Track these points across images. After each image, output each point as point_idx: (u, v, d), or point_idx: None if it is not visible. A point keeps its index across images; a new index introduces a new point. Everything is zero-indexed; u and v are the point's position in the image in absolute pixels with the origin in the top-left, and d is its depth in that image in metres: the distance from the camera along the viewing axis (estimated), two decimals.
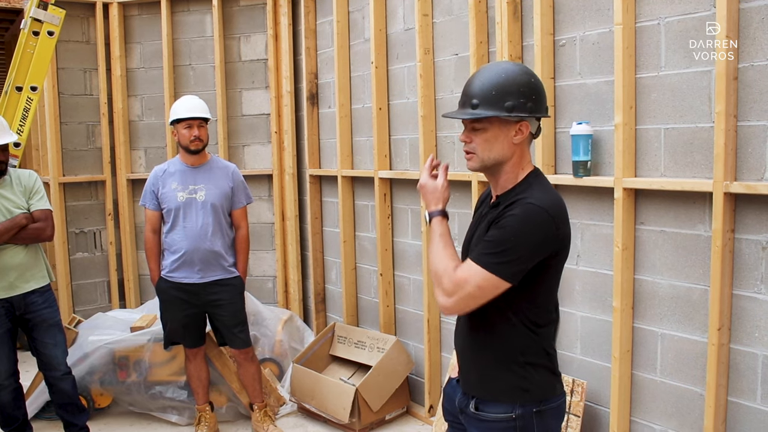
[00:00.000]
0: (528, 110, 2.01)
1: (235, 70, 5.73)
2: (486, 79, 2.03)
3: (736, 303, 2.84)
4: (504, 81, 2.01)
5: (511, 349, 2.06)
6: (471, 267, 1.94)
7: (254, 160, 5.77)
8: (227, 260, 4.09)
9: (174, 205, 4.02)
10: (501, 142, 2.03)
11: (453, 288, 1.96)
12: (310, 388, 4.48)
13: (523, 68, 2.08)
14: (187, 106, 4.01)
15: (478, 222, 2.17)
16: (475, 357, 2.14)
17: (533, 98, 2.02)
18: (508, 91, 1.99)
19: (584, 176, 3.27)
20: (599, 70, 3.28)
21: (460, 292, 1.95)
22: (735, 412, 2.88)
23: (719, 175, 2.75)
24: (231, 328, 4.11)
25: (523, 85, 2.01)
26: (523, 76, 2.04)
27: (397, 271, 4.75)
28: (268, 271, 5.83)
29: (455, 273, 1.97)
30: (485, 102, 2.00)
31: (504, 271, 1.93)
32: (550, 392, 2.10)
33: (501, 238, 1.93)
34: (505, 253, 1.92)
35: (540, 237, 1.95)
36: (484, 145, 2.03)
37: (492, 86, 2.00)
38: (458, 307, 1.99)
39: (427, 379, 4.42)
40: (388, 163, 4.66)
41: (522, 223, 1.93)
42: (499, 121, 2.01)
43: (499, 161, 2.05)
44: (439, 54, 4.15)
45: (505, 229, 1.94)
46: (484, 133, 2.03)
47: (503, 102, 1.99)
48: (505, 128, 2.02)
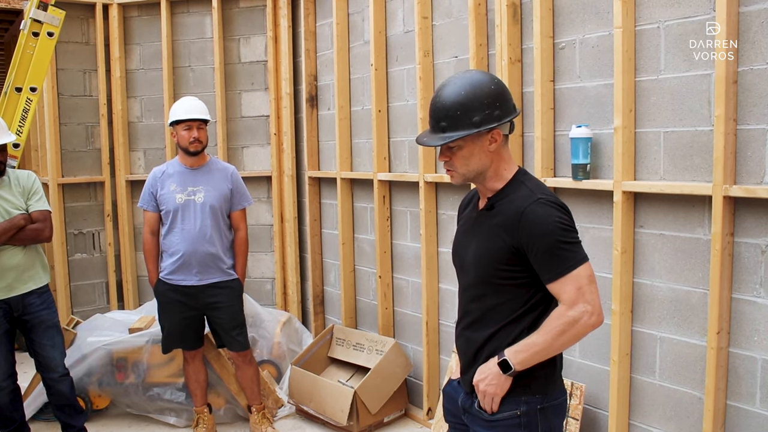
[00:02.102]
0: (496, 119, 2.03)
1: (235, 72, 5.72)
2: (448, 99, 2.03)
3: (735, 307, 2.84)
4: (465, 98, 2.01)
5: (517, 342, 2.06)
6: (572, 281, 1.97)
7: (253, 161, 5.77)
8: (226, 262, 4.09)
9: (172, 206, 4.01)
10: (477, 154, 2.06)
11: (591, 309, 1.98)
12: (309, 390, 4.48)
13: (481, 78, 2.06)
14: (186, 108, 4.00)
15: (473, 228, 2.18)
16: (478, 355, 2.14)
17: (497, 105, 2.03)
18: (472, 106, 2.00)
19: (583, 179, 3.27)
20: (599, 73, 3.28)
21: (594, 302, 1.98)
22: (734, 416, 2.87)
23: (719, 179, 2.75)
24: (229, 330, 4.10)
25: (485, 96, 2.02)
26: (484, 86, 2.03)
27: (395, 274, 4.74)
28: (267, 273, 5.82)
29: (575, 310, 1.97)
30: (453, 123, 2.02)
31: (584, 253, 2.01)
32: (552, 387, 2.12)
33: (556, 240, 1.97)
34: (571, 244, 1.98)
35: (569, 217, 2.03)
36: (462, 162, 2.07)
37: (456, 105, 2.01)
38: (601, 309, 2.01)
39: (425, 381, 4.41)
40: (388, 165, 4.65)
41: (550, 215, 1.98)
42: (471, 137, 2.04)
43: (481, 171, 2.10)
44: (439, 56, 4.15)
45: (547, 231, 1.97)
46: (459, 151, 2.07)
47: (470, 119, 2.00)
48: (479, 141, 2.05)
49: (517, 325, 2.07)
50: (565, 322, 1.97)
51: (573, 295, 1.97)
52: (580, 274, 1.97)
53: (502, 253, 2.04)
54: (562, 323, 1.98)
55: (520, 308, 2.07)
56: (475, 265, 2.12)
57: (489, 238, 2.08)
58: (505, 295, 2.08)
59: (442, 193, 4.27)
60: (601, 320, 2.00)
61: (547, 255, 1.97)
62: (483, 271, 2.10)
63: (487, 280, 2.10)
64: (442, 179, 4.14)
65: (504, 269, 2.05)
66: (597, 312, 1.98)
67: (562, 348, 2.02)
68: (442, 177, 4.14)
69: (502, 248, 2.04)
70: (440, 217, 4.31)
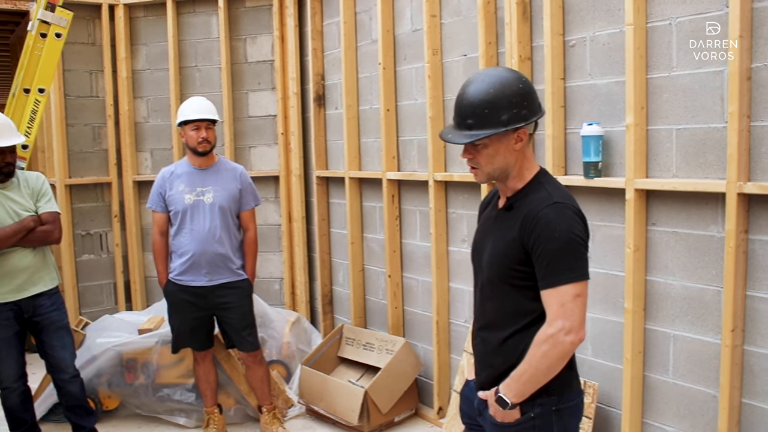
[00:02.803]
0: (523, 118, 2.02)
1: (241, 72, 5.72)
2: (476, 97, 2.01)
3: (749, 304, 2.82)
4: (494, 96, 2.00)
5: (527, 349, 2.03)
6: (558, 295, 1.94)
7: (261, 161, 5.76)
8: (235, 263, 4.08)
9: (181, 207, 4.00)
10: (503, 153, 2.05)
11: (569, 326, 1.94)
12: (319, 390, 4.47)
13: (509, 75, 2.05)
14: (194, 108, 4.00)
15: (492, 227, 2.16)
16: (493, 357, 2.13)
17: (525, 104, 2.02)
18: (500, 105, 1.99)
19: (595, 177, 3.25)
20: (610, 70, 3.26)
21: (573, 319, 1.94)
22: (749, 414, 2.86)
23: (732, 176, 2.73)
24: (239, 330, 4.09)
25: (513, 95, 2.01)
26: (512, 84, 2.02)
27: (405, 273, 4.73)
28: (275, 273, 5.81)
29: (552, 326, 1.95)
30: (479, 121, 2.00)
31: (583, 271, 1.97)
32: (568, 389, 2.10)
33: (558, 248, 1.94)
34: (573, 259, 1.95)
35: (583, 227, 2.00)
36: (487, 160, 2.06)
37: (484, 104, 2.00)
38: (582, 327, 1.97)
39: (436, 381, 4.40)
40: (396, 164, 4.64)
41: (562, 222, 1.95)
42: (498, 136, 2.02)
43: (505, 169, 2.08)
44: (448, 55, 4.14)
45: (553, 237, 1.94)
46: (484, 150, 2.05)
47: (498, 117, 1.99)
48: (505, 140, 2.04)
49: (531, 331, 2.04)
50: (543, 342, 1.95)
51: (554, 310, 1.94)
52: (568, 291, 1.93)
53: (516, 254, 2.02)
54: (540, 344, 1.96)
55: (534, 313, 2.05)
56: (491, 264, 2.11)
57: (505, 239, 2.07)
58: (518, 298, 2.07)
59: (452, 192, 4.26)
60: (580, 338, 1.95)
61: (546, 262, 1.95)
62: (497, 272, 2.09)
63: (501, 280, 2.08)
64: (452, 178, 4.12)
65: (517, 270, 2.04)
66: (575, 330, 1.94)
67: (551, 370, 1.99)
68: (451, 176, 4.13)
69: (515, 248, 2.02)
70: (450, 216, 4.29)
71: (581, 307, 1.95)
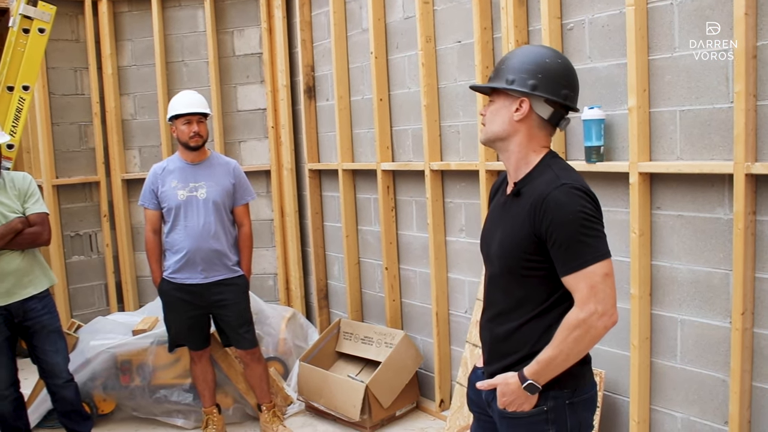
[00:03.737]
0: (528, 87, 1.97)
1: (229, 65, 5.63)
2: (509, 54, 2.06)
3: (758, 286, 2.79)
4: (516, 57, 2.03)
5: (543, 338, 1.97)
6: (586, 278, 1.87)
7: (251, 156, 5.68)
8: (231, 259, 4.00)
9: (174, 203, 3.91)
10: (502, 116, 2.03)
11: (602, 309, 1.87)
12: (318, 386, 4.40)
13: (545, 50, 2.06)
14: (185, 102, 3.91)
15: (500, 214, 2.09)
16: (505, 347, 2.06)
17: (539, 77, 1.97)
18: (514, 67, 2.01)
19: (597, 162, 3.20)
20: (610, 53, 3.20)
21: (606, 302, 1.87)
22: (760, 397, 2.83)
23: (740, 157, 2.68)
24: (236, 328, 4.02)
25: (532, 62, 1.99)
26: (540, 56, 2.02)
27: (402, 265, 4.67)
28: (269, 269, 5.74)
29: (584, 310, 1.87)
30: (495, 74, 2.06)
31: (605, 249, 1.90)
32: (582, 381, 2.03)
33: (574, 230, 1.87)
34: (592, 237, 1.88)
35: (594, 206, 1.94)
36: (491, 117, 2.07)
37: (505, 60, 2.05)
38: (615, 308, 1.90)
39: (437, 373, 4.35)
40: (391, 154, 4.57)
41: (573, 203, 1.89)
42: (504, 95, 2.02)
43: (500, 136, 2.04)
44: (442, 42, 4.07)
45: (567, 219, 1.87)
46: (492, 106, 2.06)
47: (506, 74, 2.01)
48: (509, 102, 2.02)
49: (542, 320, 1.98)
50: (576, 327, 1.88)
51: (585, 293, 1.87)
52: (596, 271, 1.86)
53: (526, 242, 1.95)
54: (573, 329, 1.88)
55: (545, 302, 1.98)
56: (500, 254, 2.03)
57: (514, 226, 1.99)
58: (529, 288, 1.99)
59: (449, 181, 4.19)
60: (613, 321, 1.90)
61: (564, 246, 1.87)
62: (507, 261, 2.01)
63: (511, 270, 2.01)
64: (449, 167, 4.06)
65: (528, 259, 1.96)
66: (609, 313, 1.88)
67: (581, 354, 1.93)
68: (448, 165, 4.07)
69: (525, 237, 1.95)
70: (447, 205, 4.23)
71: (612, 287, 1.89)
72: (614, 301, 1.89)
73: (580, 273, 1.87)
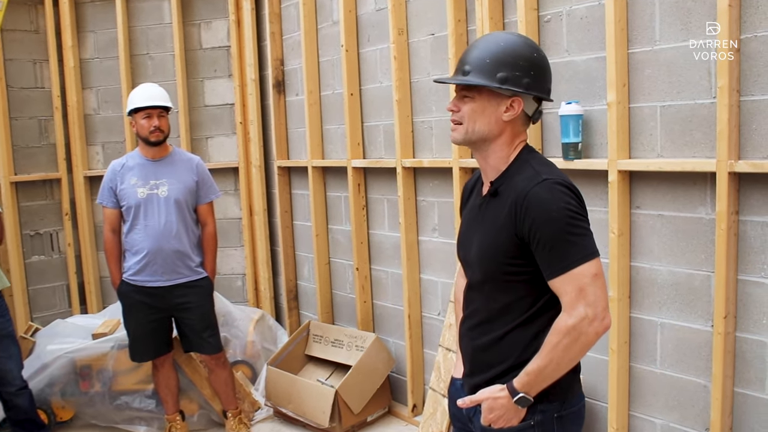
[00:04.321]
0: (523, 86, 1.82)
1: (196, 59, 5.45)
2: (484, 47, 1.86)
3: (741, 288, 2.69)
4: (502, 50, 1.83)
5: (530, 346, 1.84)
6: (574, 280, 1.74)
7: (219, 152, 5.51)
8: (194, 260, 3.83)
9: (134, 201, 3.74)
10: (488, 115, 1.85)
11: (593, 313, 1.74)
12: (287, 391, 4.25)
13: (527, 41, 1.90)
14: (145, 95, 3.73)
15: (478, 216, 1.95)
16: (489, 357, 1.92)
17: (531, 74, 1.83)
18: (504, 61, 1.82)
19: (575, 159, 3.08)
20: (588, 46, 3.09)
21: (596, 305, 1.74)
22: (741, 403, 2.74)
23: (723, 154, 2.58)
24: (200, 332, 3.85)
25: (522, 57, 1.83)
26: (525, 49, 1.86)
27: (373, 265, 4.54)
28: (237, 269, 5.57)
29: (573, 315, 1.74)
30: (477, 70, 1.83)
31: (593, 247, 1.77)
32: (570, 394, 1.90)
33: (559, 228, 1.74)
34: (577, 236, 1.75)
35: (578, 202, 1.81)
36: (471, 116, 1.86)
37: (488, 54, 1.84)
38: (606, 311, 1.77)
39: (409, 377, 4.22)
40: (362, 151, 4.44)
41: (556, 200, 1.75)
42: (489, 93, 1.84)
43: (485, 137, 1.87)
44: (414, 34, 3.94)
45: (550, 218, 1.74)
46: (471, 103, 1.86)
47: (496, 72, 1.81)
48: (495, 101, 1.84)
49: (529, 328, 1.85)
50: (565, 334, 1.74)
51: (573, 296, 1.74)
52: (584, 272, 1.73)
53: (508, 245, 1.81)
54: (562, 336, 1.74)
55: (531, 308, 1.85)
56: (480, 259, 1.89)
57: (493, 229, 1.85)
58: (513, 294, 1.86)
59: (421, 179, 4.07)
60: (605, 326, 1.76)
61: (549, 247, 1.74)
62: (488, 266, 1.88)
63: (493, 275, 1.87)
64: (421, 164, 3.93)
65: (511, 263, 1.83)
66: (600, 317, 1.74)
67: (572, 363, 1.79)
68: (420, 162, 3.94)
69: (506, 239, 1.81)
70: (420, 204, 4.11)
71: (602, 288, 1.76)
72: (606, 303, 1.77)
73: (567, 275, 1.74)
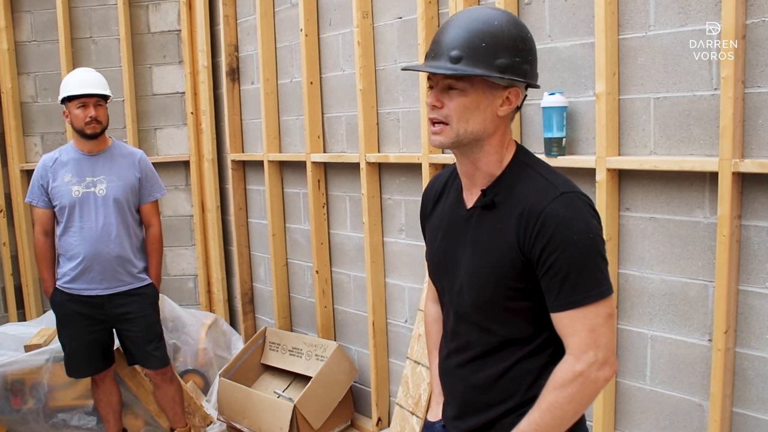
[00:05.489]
0: (523, 73, 1.53)
1: (144, 43, 5.10)
2: (471, 26, 1.51)
3: (742, 300, 2.46)
4: (498, 31, 1.50)
5: (539, 382, 1.56)
6: (586, 319, 1.47)
7: (168, 145, 5.17)
8: (136, 266, 3.49)
9: (68, 201, 3.38)
10: (483, 111, 1.52)
11: (603, 357, 1.48)
12: (241, 405, 3.93)
13: (515, 18, 1.58)
14: (80, 81, 3.37)
15: (465, 232, 1.62)
16: (488, 397, 1.63)
17: (530, 59, 1.55)
18: (503, 45, 1.50)
19: (559, 155, 2.81)
20: (573, 31, 2.81)
21: (607, 348, 1.49)
22: (741, 424, 2.51)
23: (727, 152, 2.33)
24: (144, 345, 3.50)
25: (520, 39, 1.53)
26: (520, 28, 1.55)
27: (334, 268, 4.24)
28: (188, 270, 5.23)
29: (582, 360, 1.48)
30: (471, 55, 1.49)
31: (607, 285, 1.51)
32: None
33: (579, 255, 1.46)
34: (597, 267, 1.49)
35: (599, 223, 1.54)
36: (462, 113, 1.51)
37: (481, 36, 1.49)
38: (615, 355, 1.54)
39: (373, 388, 3.93)
40: (322, 145, 4.14)
41: (578, 220, 1.48)
42: (484, 84, 1.51)
43: (478, 137, 1.54)
44: (380, 18, 3.64)
45: (571, 241, 1.46)
46: (463, 97, 1.51)
47: (495, 59, 1.49)
48: (491, 94, 1.52)
49: (533, 361, 1.57)
50: (571, 382, 1.47)
51: (582, 337, 1.46)
52: (599, 311, 1.46)
53: (512, 269, 1.52)
54: (567, 385, 1.48)
55: (536, 339, 1.57)
56: (473, 285, 1.58)
57: (492, 248, 1.55)
58: (516, 322, 1.57)
59: (387, 176, 3.77)
60: (614, 371, 1.51)
61: (563, 275, 1.45)
62: (485, 293, 1.56)
63: (490, 303, 1.57)
64: (387, 159, 3.64)
65: (514, 288, 1.53)
66: (609, 362, 1.48)
67: (577, 416, 1.52)
68: (387, 157, 3.64)
69: (510, 262, 1.51)
70: (385, 202, 3.82)
71: (613, 330, 1.50)
72: (614, 346, 1.51)
73: (579, 311, 1.46)
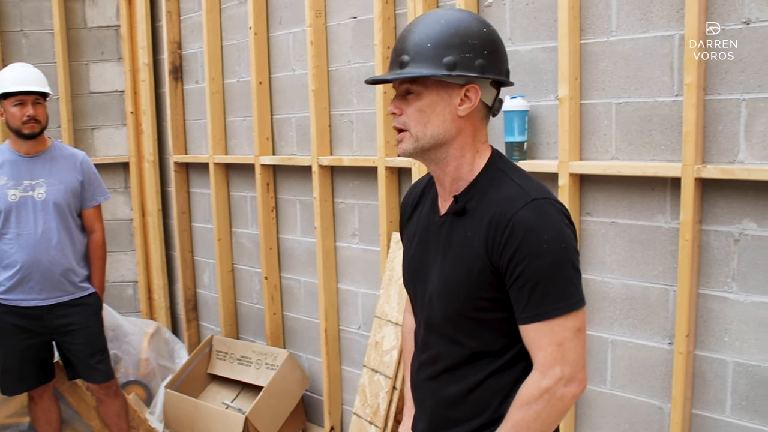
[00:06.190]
0: (477, 69, 1.47)
1: (80, 39, 4.92)
2: (421, 30, 1.50)
3: (702, 303, 2.49)
4: (445, 30, 1.47)
5: (509, 397, 1.50)
6: (553, 333, 1.42)
7: (106, 145, 5.00)
8: (78, 274, 3.32)
9: (3, 206, 3.20)
10: (440, 113, 1.48)
11: (570, 372, 1.43)
12: (189, 417, 3.80)
13: (473, 15, 1.55)
14: (15, 77, 3.19)
15: (435, 240, 1.58)
16: (457, 413, 1.57)
17: (485, 53, 1.49)
18: (450, 42, 1.46)
19: (520, 160, 2.79)
20: (535, 34, 2.80)
21: (575, 364, 1.44)
22: (700, 426, 2.54)
23: (689, 158, 2.36)
24: (86, 359, 3.33)
25: (471, 35, 1.48)
26: (473, 24, 1.50)
27: (284, 273, 4.14)
28: (128, 276, 5.04)
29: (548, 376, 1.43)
30: (418, 58, 1.46)
31: (578, 297, 1.45)
32: None
33: (548, 265, 1.41)
34: (568, 278, 1.43)
35: (573, 231, 1.49)
36: (418, 117, 1.49)
37: (428, 37, 1.47)
38: (584, 371, 1.47)
39: (326, 396, 3.84)
40: (271, 147, 4.04)
41: (549, 227, 1.43)
42: (437, 85, 1.47)
43: (440, 140, 1.50)
44: (334, 17, 3.57)
45: (540, 250, 1.40)
46: (417, 101, 1.48)
47: (442, 57, 1.45)
48: (447, 94, 1.48)
49: (504, 376, 1.52)
50: (538, 399, 1.43)
51: (549, 354, 1.42)
52: (567, 324, 1.42)
53: (482, 278, 1.47)
54: (533, 403, 1.44)
55: (508, 351, 1.52)
56: (443, 294, 1.53)
57: (461, 256, 1.50)
58: (487, 334, 1.52)
59: (340, 179, 3.70)
60: (582, 388, 1.47)
61: (531, 285, 1.41)
62: (455, 303, 1.52)
63: (460, 313, 1.52)
64: (340, 162, 3.57)
65: (485, 298, 1.48)
66: (577, 378, 1.44)
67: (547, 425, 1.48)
68: (340, 160, 3.57)
69: (480, 270, 1.47)
70: (337, 206, 3.74)
71: (583, 345, 1.44)
72: (584, 361, 1.46)
73: (546, 324, 1.42)
